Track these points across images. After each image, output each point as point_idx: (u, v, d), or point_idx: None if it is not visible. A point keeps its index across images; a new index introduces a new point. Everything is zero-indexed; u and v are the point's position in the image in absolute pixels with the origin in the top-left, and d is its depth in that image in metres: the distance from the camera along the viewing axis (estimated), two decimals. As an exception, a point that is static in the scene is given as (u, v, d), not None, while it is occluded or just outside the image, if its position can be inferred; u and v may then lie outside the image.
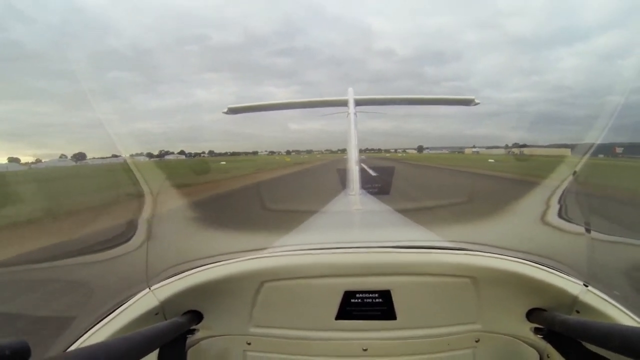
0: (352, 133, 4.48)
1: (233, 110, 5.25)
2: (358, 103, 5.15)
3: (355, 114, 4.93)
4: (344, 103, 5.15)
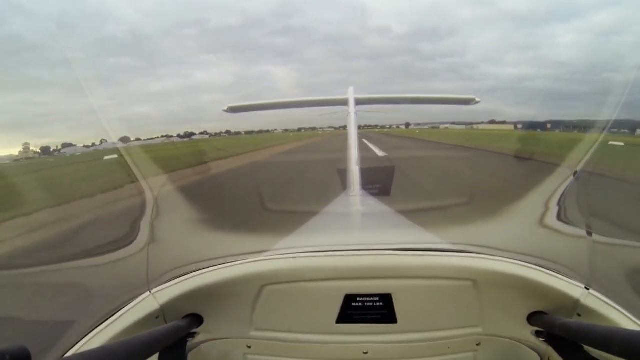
0: (353, 132, 4.46)
1: (233, 109, 5.27)
2: (358, 102, 5.15)
3: (355, 113, 4.93)
4: (344, 102, 5.15)
